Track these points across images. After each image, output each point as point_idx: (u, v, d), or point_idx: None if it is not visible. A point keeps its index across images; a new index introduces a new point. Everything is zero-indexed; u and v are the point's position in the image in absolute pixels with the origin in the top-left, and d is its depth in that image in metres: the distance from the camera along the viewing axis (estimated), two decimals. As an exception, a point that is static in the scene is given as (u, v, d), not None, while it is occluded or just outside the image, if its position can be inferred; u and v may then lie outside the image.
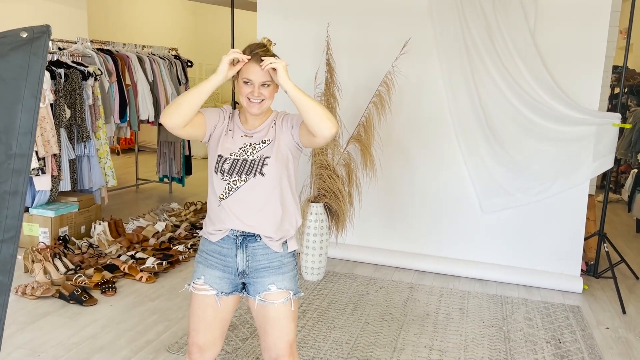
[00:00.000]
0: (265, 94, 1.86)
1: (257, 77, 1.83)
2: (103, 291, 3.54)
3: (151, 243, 4.43)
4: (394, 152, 4.22)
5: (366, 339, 3.06)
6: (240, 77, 1.86)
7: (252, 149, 1.90)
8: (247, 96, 1.85)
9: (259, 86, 1.84)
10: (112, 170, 5.03)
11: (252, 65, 1.83)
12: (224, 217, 1.88)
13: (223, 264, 1.92)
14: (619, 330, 3.32)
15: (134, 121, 5.44)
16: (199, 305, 1.94)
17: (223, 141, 1.91)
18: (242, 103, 1.89)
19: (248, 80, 1.84)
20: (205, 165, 8.46)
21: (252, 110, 1.87)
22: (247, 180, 1.87)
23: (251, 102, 1.85)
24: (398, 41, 4.00)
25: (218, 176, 1.88)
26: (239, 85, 1.87)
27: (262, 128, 1.94)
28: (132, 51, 5.64)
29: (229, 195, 1.88)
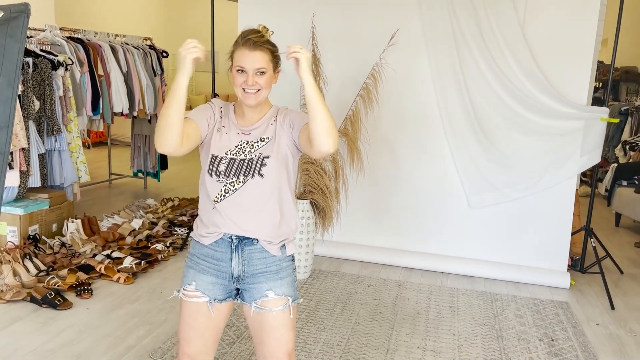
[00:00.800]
0: (261, 83, 1.71)
1: (251, 64, 1.69)
2: (78, 294, 3.35)
3: (128, 241, 4.23)
4: (381, 146, 4.12)
5: (358, 341, 2.96)
6: (233, 66, 1.72)
7: (250, 147, 1.76)
8: (242, 86, 1.71)
9: (253, 74, 1.69)
10: (85, 165, 4.80)
11: (245, 51, 1.69)
12: (218, 220, 1.75)
13: (216, 268, 1.79)
14: (609, 327, 3.30)
15: (107, 114, 5.20)
16: (190, 313, 1.81)
17: (216, 139, 1.77)
18: (237, 94, 1.75)
19: (241, 68, 1.70)
20: (181, 160, 8.23)
21: (248, 102, 1.73)
22: (245, 181, 1.74)
23: (246, 92, 1.71)
24: (386, 32, 3.89)
25: (213, 178, 1.75)
26: (232, 75, 1.73)
27: (260, 124, 1.79)
28: (104, 40, 5.39)
29: (224, 197, 1.74)
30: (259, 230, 1.76)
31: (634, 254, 4.71)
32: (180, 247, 4.25)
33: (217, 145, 1.76)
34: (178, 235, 4.51)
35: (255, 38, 1.70)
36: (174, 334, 2.94)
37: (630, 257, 4.62)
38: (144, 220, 4.69)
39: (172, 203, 5.34)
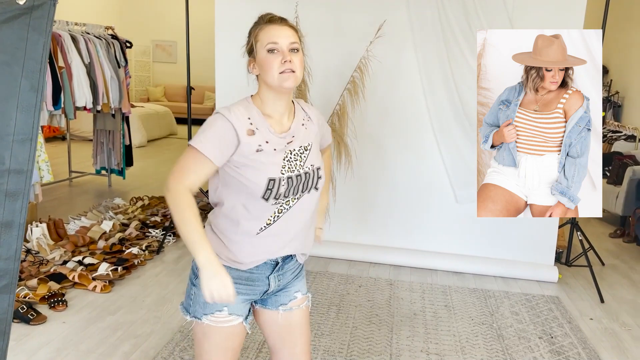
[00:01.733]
0: (296, 63, 1.48)
1: (285, 39, 1.47)
2: (52, 306, 3.08)
3: (100, 246, 3.96)
4: (367, 141, 4.00)
5: (359, 346, 2.84)
6: (262, 48, 1.48)
7: (299, 158, 1.54)
8: (278, 69, 1.45)
9: (289, 51, 1.47)
10: (47, 163, 4.46)
11: (275, 26, 1.49)
12: (266, 245, 1.55)
13: (250, 289, 1.60)
14: (602, 321, 3.30)
15: (69, 108, 4.86)
16: (226, 337, 1.59)
17: (263, 160, 1.47)
18: (270, 83, 1.48)
19: (273, 44, 1.46)
20: (146, 155, 7.87)
21: (287, 84, 1.46)
22: (300, 197, 1.54)
23: (284, 73, 1.45)
24: (372, 24, 3.75)
25: (269, 202, 1.49)
26: (263, 60, 1.47)
27: (296, 128, 1.58)
28: (63, 29, 5.02)
29: (277, 219, 1.53)
30: (306, 246, 1.64)
31: (610, 244, 4.79)
32: (156, 251, 4.01)
33: (268, 167, 1.48)
34: (153, 237, 4.26)
35: (278, 17, 1.53)
36: (163, 346, 2.73)
37: (607, 248, 4.69)
38: (115, 221, 4.41)
39: (142, 202, 5.06)
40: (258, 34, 1.51)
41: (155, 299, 3.29)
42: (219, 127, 1.45)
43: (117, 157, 5.81)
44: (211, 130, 1.45)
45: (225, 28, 4.04)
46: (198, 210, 1.45)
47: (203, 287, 1.42)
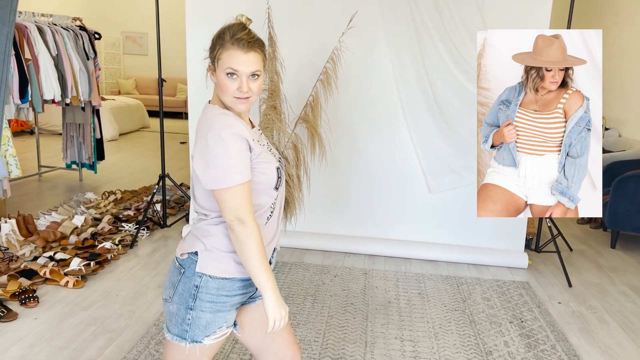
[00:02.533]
0: (254, 89, 1.48)
1: (245, 68, 1.44)
2: (23, 302, 3.03)
3: (72, 241, 3.90)
4: (340, 132, 4.01)
5: (334, 335, 2.87)
6: (221, 69, 1.45)
7: (269, 148, 1.62)
8: (234, 94, 1.46)
9: (247, 79, 1.46)
10: (15, 158, 4.37)
11: (238, 53, 1.44)
12: (271, 233, 1.61)
13: (246, 295, 1.60)
14: (570, 304, 3.40)
15: (37, 101, 4.75)
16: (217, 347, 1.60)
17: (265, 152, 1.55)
18: (224, 100, 1.50)
19: (233, 71, 1.44)
20: (116, 149, 7.76)
21: (239, 108, 1.49)
22: (280, 184, 1.61)
23: (238, 98, 1.47)
24: (344, 14, 3.76)
25: (278, 190, 1.58)
26: (221, 80, 1.46)
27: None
28: (29, 20, 4.90)
29: (274, 207, 1.60)
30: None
31: (577, 230, 4.92)
32: (130, 245, 3.97)
33: (271, 158, 1.56)
34: (126, 231, 4.22)
35: (247, 37, 1.46)
36: (137, 340, 2.72)
37: (574, 234, 4.82)
38: (87, 216, 4.35)
39: (114, 196, 4.99)
40: (221, 53, 1.45)
41: (129, 293, 3.26)
42: (233, 146, 1.42)
43: (87, 151, 5.71)
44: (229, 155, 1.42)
45: (196, 18, 4.00)
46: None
47: (270, 314, 1.45)
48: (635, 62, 5.84)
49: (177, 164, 6.58)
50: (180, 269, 1.53)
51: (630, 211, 4.28)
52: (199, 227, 1.56)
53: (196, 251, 1.52)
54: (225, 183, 1.41)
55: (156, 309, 3.08)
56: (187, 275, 1.51)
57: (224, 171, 1.41)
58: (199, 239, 1.54)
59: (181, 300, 1.52)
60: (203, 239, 1.53)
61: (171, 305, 1.54)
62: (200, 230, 1.54)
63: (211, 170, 1.42)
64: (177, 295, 1.52)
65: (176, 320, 1.53)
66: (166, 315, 1.58)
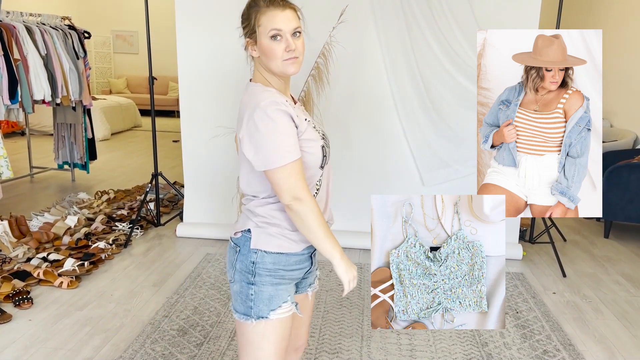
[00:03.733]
0: (300, 48, 1.47)
1: (288, 24, 1.44)
2: (17, 304, 3.02)
3: (65, 241, 3.88)
4: (333, 127, 4.00)
5: (330, 330, 2.88)
6: (264, 34, 1.44)
7: (314, 126, 1.57)
8: (282, 56, 1.44)
9: (292, 37, 1.45)
10: (7, 159, 4.34)
11: (276, 12, 1.43)
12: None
13: (299, 272, 1.59)
14: (565, 294, 3.42)
15: (27, 102, 4.72)
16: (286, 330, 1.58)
17: (311, 130, 1.52)
18: (273, 69, 1.47)
19: (277, 31, 1.43)
20: (108, 149, 7.73)
21: (291, 70, 1.47)
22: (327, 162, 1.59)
23: (288, 60, 1.45)
24: (334, 9, 3.75)
25: (324, 169, 1.57)
26: (266, 47, 1.44)
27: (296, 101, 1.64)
28: (18, 20, 4.86)
29: (320, 183, 1.58)
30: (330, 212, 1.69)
31: (571, 221, 4.94)
32: (124, 244, 3.96)
33: (315, 136, 1.52)
34: (120, 230, 4.20)
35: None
36: (133, 339, 2.71)
37: (568, 224, 4.84)
38: (80, 216, 4.33)
39: (107, 196, 4.97)
40: (260, 18, 1.45)
41: (124, 292, 3.25)
42: (281, 123, 1.41)
43: (79, 151, 5.68)
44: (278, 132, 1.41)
45: (186, 15, 3.97)
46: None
47: (343, 278, 1.49)
48: (624, 56, 5.87)
49: (169, 163, 6.56)
50: (235, 247, 1.55)
51: (623, 201, 4.31)
52: (249, 207, 1.57)
53: (249, 228, 1.53)
54: (278, 162, 1.41)
55: (151, 307, 3.07)
56: (243, 252, 1.53)
57: (274, 150, 1.40)
58: (249, 218, 1.55)
59: (242, 278, 1.53)
60: (254, 217, 1.54)
61: (234, 285, 1.56)
62: (251, 210, 1.56)
63: (263, 150, 1.41)
64: (238, 274, 1.54)
65: (241, 299, 1.54)
66: (232, 296, 1.59)
